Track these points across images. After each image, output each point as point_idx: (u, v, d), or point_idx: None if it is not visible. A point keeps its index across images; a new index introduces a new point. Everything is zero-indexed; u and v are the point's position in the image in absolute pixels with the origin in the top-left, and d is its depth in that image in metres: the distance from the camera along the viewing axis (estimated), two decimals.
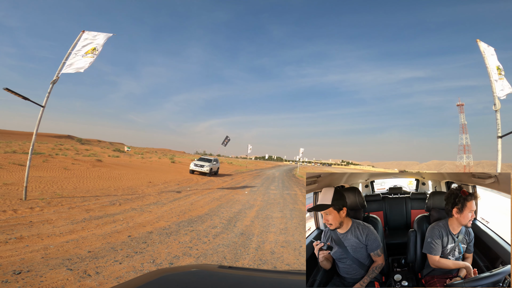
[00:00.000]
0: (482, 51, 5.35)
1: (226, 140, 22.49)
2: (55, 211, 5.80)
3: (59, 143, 42.38)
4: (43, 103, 7.01)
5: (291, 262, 4.14)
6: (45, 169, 12.01)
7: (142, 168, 19.36)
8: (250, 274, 1.37)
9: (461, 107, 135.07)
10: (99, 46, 7.47)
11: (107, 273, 3.21)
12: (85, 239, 4.24)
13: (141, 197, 8.49)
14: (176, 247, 4.30)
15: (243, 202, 9.31)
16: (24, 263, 3.26)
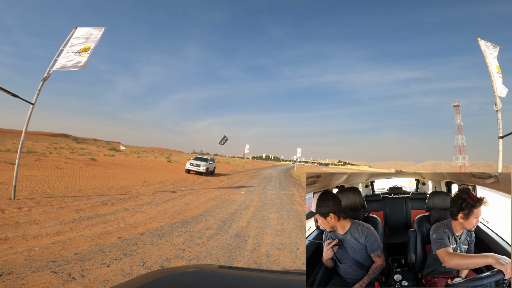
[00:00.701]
0: (483, 50, 5.26)
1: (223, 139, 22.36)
2: (43, 211, 5.61)
3: (54, 141, 41.89)
4: (33, 100, 6.82)
5: (287, 265, 4.02)
6: (37, 168, 11.77)
7: (138, 167, 19.14)
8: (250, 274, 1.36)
9: (457, 108, 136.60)
10: (94, 44, 7.27)
11: (93, 276, 3.05)
12: (73, 241, 4.07)
13: (134, 197, 8.31)
14: (168, 249, 4.15)
15: (239, 202, 9.18)
16: (6, 265, 3.10)
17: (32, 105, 6.79)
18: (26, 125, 6.74)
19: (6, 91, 6.43)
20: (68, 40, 7.31)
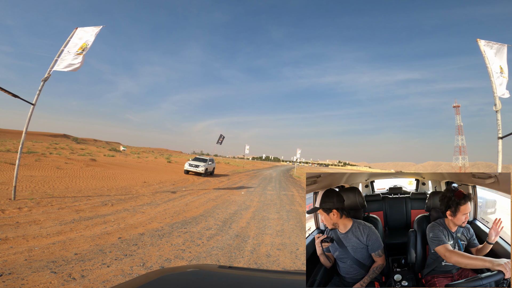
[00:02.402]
0: (483, 51, 5.26)
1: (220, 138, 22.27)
2: (44, 211, 5.61)
3: (54, 142, 41.87)
4: (34, 101, 6.83)
5: (287, 265, 4.01)
6: (37, 168, 11.76)
7: (138, 168, 19.13)
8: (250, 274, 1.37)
9: (457, 109, 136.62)
10: (89, 41, 7.28)
11: (94, 276, 3.05)
12: (73, 241, 4.07)
13: (134, 198, 8.31)
14: (168, 250, 4.14)
15: (239, 203, 9.17)
16: (6, 265, 3.10)
17: (33, 106, 6.79)
18: (27, 125, 6.74)
19: (7, 91, 6.44)
20: (69, 40, 7.33)
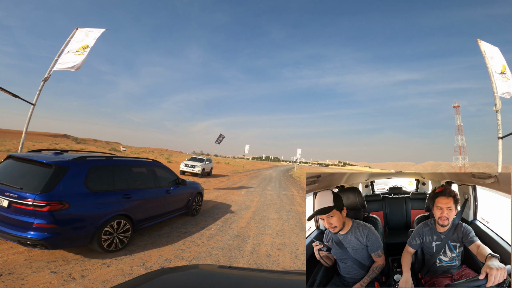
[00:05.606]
0: (483, 51, 5.26)
1: (220, 138, 22.11)
2: None
3: (54, 142, 41.88)
4: (34, 101, 6.82)
5: (287, 265, 4.01)
6: None
7: None
8: (250, 274, 1.38)
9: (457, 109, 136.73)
10: (91, 42, 7.28)
11: (94, 276, 3.05)
12: None
13: None
14: (168, 250, 4.14)
15: (239, 203, 9.17)
16: (6, 265, 3.10)
17: (33, 106, 6.79)
18: (27, 125, 6.73)
19: (7, 91, 6.44)
20: (69, 40, 7.33)
